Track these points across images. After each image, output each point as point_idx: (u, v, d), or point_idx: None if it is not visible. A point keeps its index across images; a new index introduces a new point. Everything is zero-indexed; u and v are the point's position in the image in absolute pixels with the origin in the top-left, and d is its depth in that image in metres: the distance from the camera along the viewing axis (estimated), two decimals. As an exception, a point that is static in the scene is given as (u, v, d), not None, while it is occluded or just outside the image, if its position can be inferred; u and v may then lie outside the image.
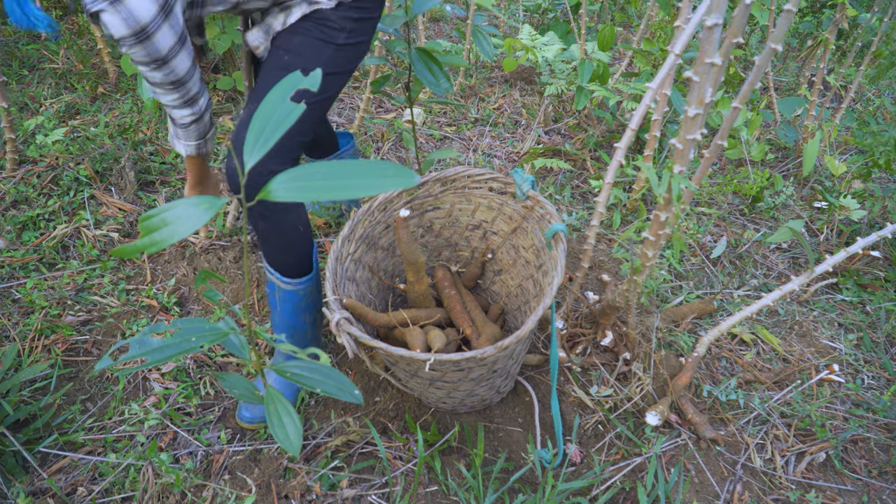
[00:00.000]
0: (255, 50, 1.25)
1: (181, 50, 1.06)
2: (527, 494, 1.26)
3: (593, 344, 1.59)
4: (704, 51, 0.93)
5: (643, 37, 2.56)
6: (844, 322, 1.76)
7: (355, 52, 1.23)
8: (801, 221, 1.45)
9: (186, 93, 1.13)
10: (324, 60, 1.18)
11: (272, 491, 1.26)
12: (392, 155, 2.36)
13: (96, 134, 2.17)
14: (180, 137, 1.24)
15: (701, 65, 0.95)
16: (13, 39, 2.73)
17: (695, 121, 1.02)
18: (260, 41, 1.24)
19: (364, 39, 1.24)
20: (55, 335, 1.53)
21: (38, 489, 1.26)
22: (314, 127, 1.26)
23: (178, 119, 1.18)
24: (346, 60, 1.22)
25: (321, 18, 1.17)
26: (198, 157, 1.32)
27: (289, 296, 1.32)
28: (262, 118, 0.57)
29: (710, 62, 0.94)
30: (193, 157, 1.31)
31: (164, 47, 1.02)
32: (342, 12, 1.17)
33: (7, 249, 1.74)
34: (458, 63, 1.58)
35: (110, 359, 0.66)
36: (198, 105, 1.17)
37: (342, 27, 1.18)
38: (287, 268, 1.29)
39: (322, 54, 1.18)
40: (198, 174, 1.37)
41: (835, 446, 1.40)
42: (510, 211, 1.48)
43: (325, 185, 0.51)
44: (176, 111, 1.16)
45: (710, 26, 0.91)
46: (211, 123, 1.25)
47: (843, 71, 2.51)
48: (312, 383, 0.75)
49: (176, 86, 1.10)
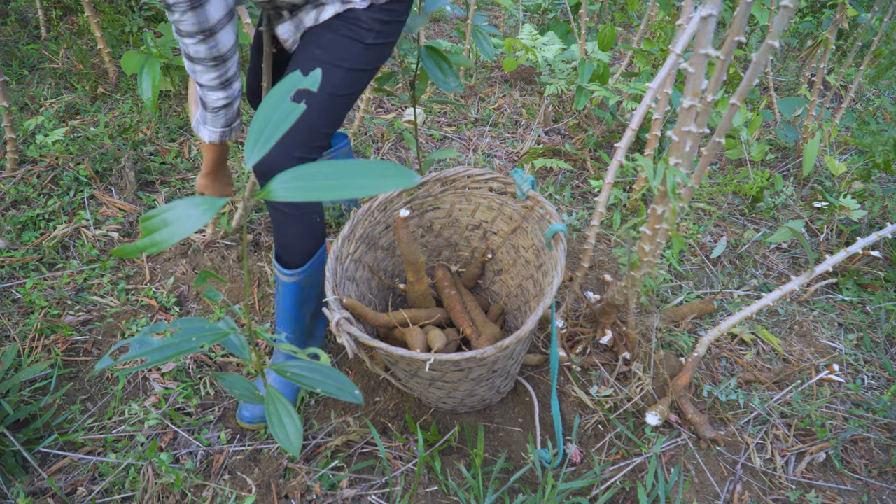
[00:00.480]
0: (284, 43, 1.27)
1: (228, 24, 1.06)
2: (527, 494, 1.26)
3: (593, 344, 1.59)
4: (699, 42, 0.94)
5: (643, 37, 2.56)
6: (844, 322, 1.76)
7: (382, 52, 1.27)
8: (801, 221, 1.45)
9: (225, 72, 1.13)
10: (353, 58, 1.22)
11: (272, 491, 1.26)
12: (392, 155, 2.36)
13: (96, 134, 2.17)
14: (207, 123, 1.24)
15: (696, 56, 0.96)
16: (13, 39, 2.73)
17: (689, 112, 1.03)
18: (290, 34, 1.26)
19: (391, 41, 1.27)
20: (55, 335, 1.53)
21: (38, 489, 1.26)
22: (341, 119, 1.28)
23: (210, 102, 1.18)
24: (373, 59, 1.25)
25: (352, 18, 1.20)
26: (219, 145, 1.32)
27: (290, 288, 1.32)
28: (262, 119, 0.57)
29: (705, 53, 0.94)
30: (215, 145, 1.31)
31: (214, 17, 1.03)
32: (373, 13, 1.21)
33: (7, 249, 1.74)
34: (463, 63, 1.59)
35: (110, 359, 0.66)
36: (232, 88, 1.17)
37: (371, 27, 1.21)
38: (296, 257, 1.30)
39: (351, 52, 1.22)
40: (214, 163, 1.37)
41: (835, 446, 1.40)
42: (510, 211, 1.48)
43: (325, 185, 0.51)
44: (211, 93, 1.16)
45: (705, 16, 0.91)
46: (238, 112, 1.26)
47: (843, 71, 2.51)
48: (312, 383, 0.75)
49: (217, 63, 1.10)
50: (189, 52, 1.08)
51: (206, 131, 1.26)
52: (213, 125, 1.24)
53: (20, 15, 2.91)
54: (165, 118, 2.32)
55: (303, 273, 1.31)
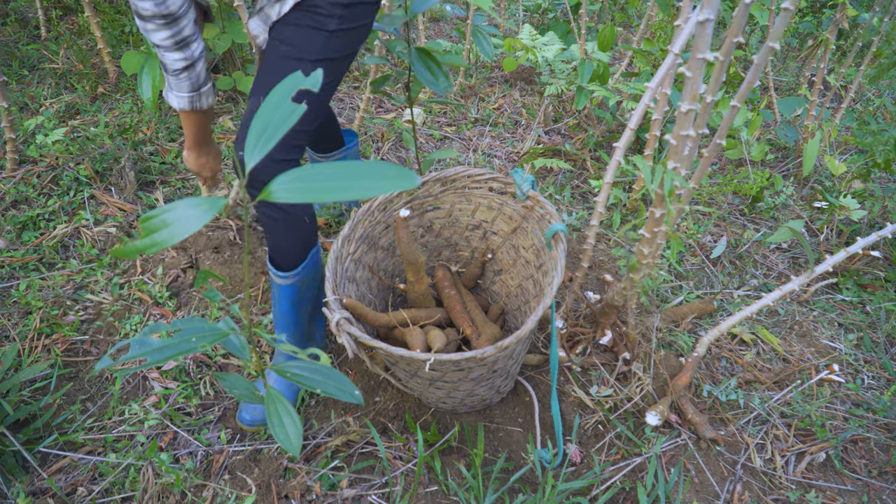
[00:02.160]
0: (255, 39, 1.25)
1: None
2: (527, 494, 1.26)
3: (593, 344, 1.59)
4: (697, 46, 0.94)
5: (643, 37, 2.56)
6: (844, 322, 1.76)
7: (351, 37, 1.22)
8: (801, 221, 1.45)
9: (179, 31, 1.11)
10: (318, 48, 1.18)
11: (272, 491, 1.27)
12: (392, 155, 2.36)
13: (96, 134, 2.17)
14: (172, 88, 1.22)
15: (693, 60, 0.96)
16: (13, 39, 2.73)
17: (688, 116, 1.03)
18: (259, 30, 1.24)
19: (359, 24, 1.23)
20: (55, 335, 1.53)
21: (38, 489, 1.26)
22: (318, 114, 1.26)
23: (169, 65, 1.17)
24: (341, 46, 1.21)
25: (311, 6, 1.17)
26: (192, 114, 1.30)
27: (285, 291, 1.32)
28: (262, 119, 0.57)
29: (703, 57, 0.95)
30: (189, 114, 1.29)
31: None
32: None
33: (7, 249, 1.74)
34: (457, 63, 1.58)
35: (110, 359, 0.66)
36: (190, 50, 1.15)
37: (332, 13, 1.17)
38: (289, 260, 1.29)
39: (315, 42, 1.18)
40: (195, 135, 1.36)
41: (835, 446, 1.40)
42: (510, 211, 1.48)
43: (325, 187, 0.51)
44: (167, 54, 1.15)
45: (703, 21, 0.91)
46: (207, 77, 1.23)
47: (843, 71, 2.51)
48: (312, 384, 0.75)
49: (168, 21, 1.08)
50: (138, 10, 1.06)
51: (173, 97, 1.24)
52: (178, 90, 1.22)
53: (20, 15, 2.91)
54: (165, 118, 2.32)
55: (297, 275, 1.30)
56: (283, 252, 1.28)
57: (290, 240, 1.27)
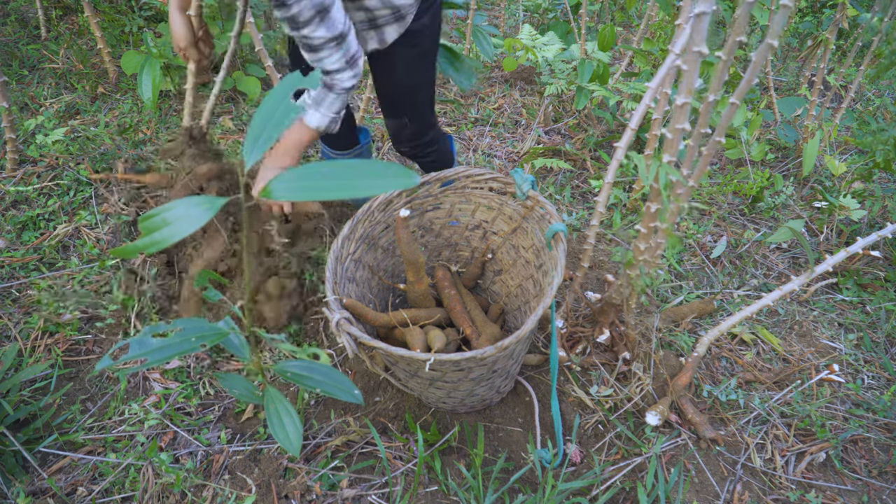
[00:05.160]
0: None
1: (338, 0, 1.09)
2: (527, 494, 1.26)
3: (593, 343, 1.59)
4: (693, 39, 0.94)
5: (643, 37, 2.56)
6: (844, 322, 1.76)
7: (430, 29, 1.34)
8: (801, 221, 1.45)
9: (349, 49, 1.15)
10: (425, 64, 1.38)
11: (272, 491, 1.26)
12: (392, 155, 2.36)
13: (96, 134, 2.17)
14: (322, 106, 1.23)
15: (690, 53, 0.96)
16: (13, 39, 2.73)
17: (683, 109, 1.03)
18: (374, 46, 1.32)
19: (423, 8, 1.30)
20: (56, 335, 1.53)
21: (38, 489, 1.26)
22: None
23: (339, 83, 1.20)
24: (431, 42, 1.36)
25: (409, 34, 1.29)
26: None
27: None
28: (262, 118, 0.57)
29: (699, 50, 0.94)
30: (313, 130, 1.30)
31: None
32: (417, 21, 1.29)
33: (7, 249, 1.74)
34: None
35: (110, 359, 0.66)
36: (359, 66, 1.20)
37: (421, 30, 1.29)
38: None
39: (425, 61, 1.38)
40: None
41: (835, 446, 1.40)
42: (510, 211, 1.48)
43: (326, 185, 0.51)
44: (339, 75, 1.18)
45: (700, 14, 0.91)
46: None
47: (843, 71, 2.51)
48: (312, 383, 0.75)
49: (339, 41, 1.12)
50: (311, 43, 1.07)
51: (315, 115, 1.24)
52: (328, 109, 1.22)
53: (20, 15, 2.91)
54: (165, 118, 2.32)
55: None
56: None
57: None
